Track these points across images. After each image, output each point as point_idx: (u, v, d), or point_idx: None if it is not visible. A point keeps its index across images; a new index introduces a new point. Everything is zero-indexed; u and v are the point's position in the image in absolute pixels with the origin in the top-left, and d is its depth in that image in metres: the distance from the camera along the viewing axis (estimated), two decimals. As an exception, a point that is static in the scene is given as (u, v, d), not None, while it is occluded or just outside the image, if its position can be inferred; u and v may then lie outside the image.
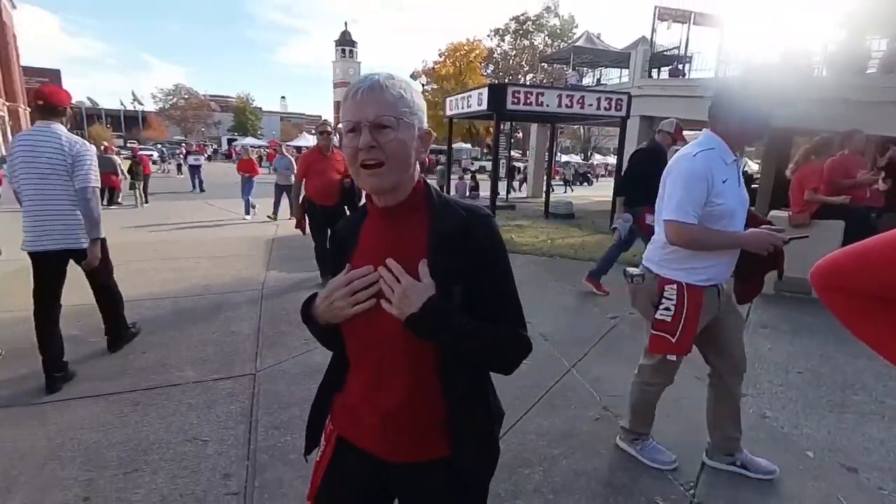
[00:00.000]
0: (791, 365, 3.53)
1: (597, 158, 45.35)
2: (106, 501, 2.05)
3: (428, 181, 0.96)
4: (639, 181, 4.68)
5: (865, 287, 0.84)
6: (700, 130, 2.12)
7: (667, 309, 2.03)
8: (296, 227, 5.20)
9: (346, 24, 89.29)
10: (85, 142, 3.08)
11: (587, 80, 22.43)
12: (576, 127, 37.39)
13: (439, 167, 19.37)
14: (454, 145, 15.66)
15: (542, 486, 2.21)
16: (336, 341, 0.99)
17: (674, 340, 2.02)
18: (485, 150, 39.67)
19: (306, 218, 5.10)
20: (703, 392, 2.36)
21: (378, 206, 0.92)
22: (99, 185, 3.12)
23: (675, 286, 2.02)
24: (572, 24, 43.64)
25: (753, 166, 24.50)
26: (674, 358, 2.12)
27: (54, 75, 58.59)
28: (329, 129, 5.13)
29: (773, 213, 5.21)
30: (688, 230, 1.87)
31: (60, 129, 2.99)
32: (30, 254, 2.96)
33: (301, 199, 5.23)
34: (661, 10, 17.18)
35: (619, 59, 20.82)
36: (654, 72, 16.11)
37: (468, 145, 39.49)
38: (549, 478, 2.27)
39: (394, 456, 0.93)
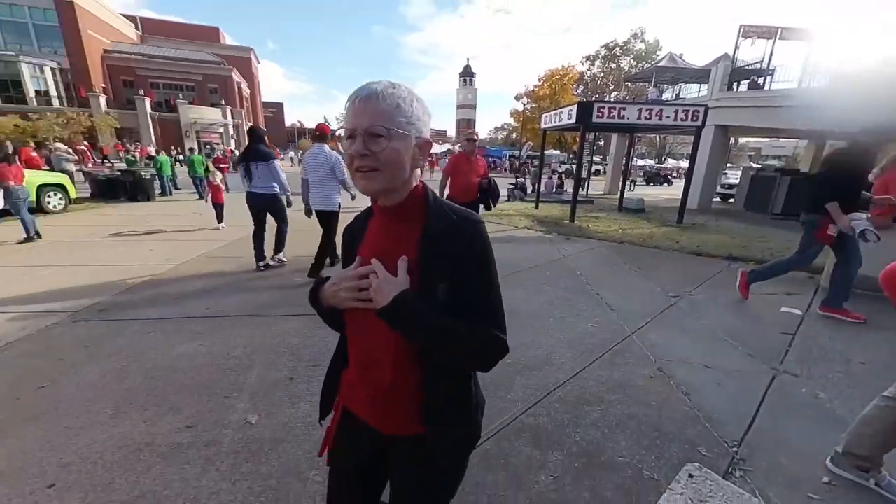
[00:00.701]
0: (853, 356, 2.86)
1: (670, 162, 39.93)
2: (302, 381, 2.40)
3: (427, 186, 0.82)
4: (851, 185, 3.31)
5: None
6: (773, 138, 1.68)
7: None
8: None
9: (467, 59, 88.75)
10: (339, 155, 4.17)
11: (666, 95, 19.60)
12: (652, 135, 33.19)
13: (533, 169, 18.62)
14: (546, 152, 14.85)
15: (599, 422, 2.10)
16: (339, 323, 0.89)
17: None
18: (570, 156, 37.08)
19: None
20: (751, 364, 2.02)
21: (379, 205, 0.80)
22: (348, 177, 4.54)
23: None
24: (657, 48, 38.06)
25: (832, 171, 19.73)
26: None
27: (279, 107, 66.78)
28: (475, 137, 4.41)
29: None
30: None
31: (326, 147, 4.12)
32: (316, 211, 4.24)
33: (446, 196, 4.28)
34: (746, 27, 14.19)
35: (700, 76, 17.77)
36: (735, 85, 13.50)
37: (557, 151, 37.20)
38: (605, 417, 2.15)
39: (384, 427, 0.84)
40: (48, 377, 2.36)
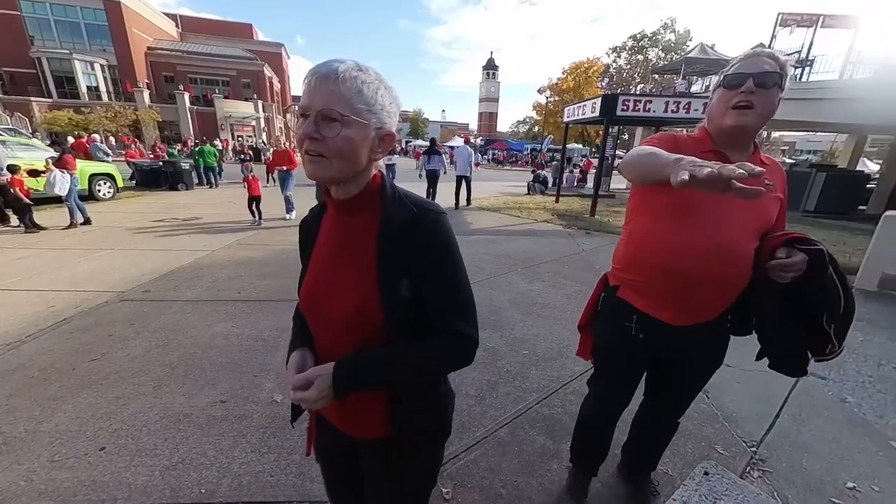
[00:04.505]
0: (886, 359, 2.69)
1: (696, 157, 37.95)
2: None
3: (385, 177, 0.74)
4: None
5: None
6: (810, 132, 1.55)
7: None
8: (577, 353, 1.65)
9: (491, 52, 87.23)
10: (471, 149, 8.02)
11: (695, 88, 18.64)
12: (679, 129, 31.68)
13: (554, 163, 18.18)
14: (568, 145, 14.49)
15: (613, 415, 2.07)
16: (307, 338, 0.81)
17: None
18: (593, 150, 35.98)
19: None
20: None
21: (334, 198, 0.72)
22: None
23: None
24: (687, 38, 36.04)
25: (872, 166, 18.43)
26: None
27: (307, 100, 67.73)
28: (756, 79, 0.91)
29: (890, 213, 3.88)
30: None
31: (466, 146, 8.11)
32: (458, 175, 8.50)
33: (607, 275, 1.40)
34: (785, 15, 13.20)
35: (732, 67, 16.73)
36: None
37: (579, 145, 36.18)
38: (621, 410, 2.12)
39: (353, 432, 0.80)
40: (99, 351, 2.53)
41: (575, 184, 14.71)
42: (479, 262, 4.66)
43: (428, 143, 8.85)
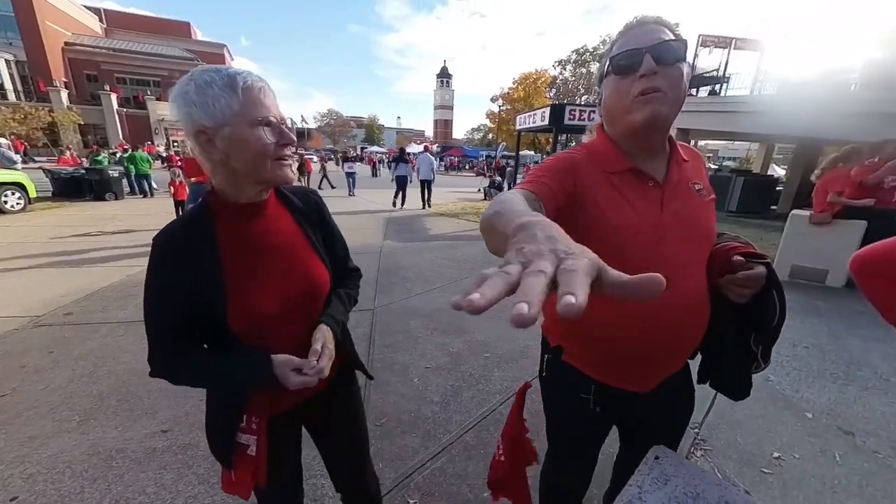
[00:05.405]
0: (798, 341, 3.06)
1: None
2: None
3: None
4: None
5: None
6: (729, 140, 1.72)
7: None
8: None
9: (444, 61, 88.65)
10: (432, 157, 9.18)
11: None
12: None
13: (508, 169, 18.75)
14: (521, 152, 15.05)
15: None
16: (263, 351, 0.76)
17: None
18: (544, 156, 37.74)
19: None
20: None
21: (249, 202, 0.74)
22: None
23: None
24: (623, 54, 39.15)
25: (779, 171, 21.03)
26: None
27: (254, 104, 64.32)
28: None
29: (795, 212, 4.44)
30: None
31: (427, 153, 9.32)
32: (421, 180, 9.49)
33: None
34: (704, 37, 14.85)
35: (663, 81, 18.41)
36: (695, 91, 14.08)
37: (531, 152, 37.76)
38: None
39: (321, 385, 0.83)
40: (8, 385, 2.20)
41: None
42: (438, 268, 4.67)
43: (382, 150, 9.45)
